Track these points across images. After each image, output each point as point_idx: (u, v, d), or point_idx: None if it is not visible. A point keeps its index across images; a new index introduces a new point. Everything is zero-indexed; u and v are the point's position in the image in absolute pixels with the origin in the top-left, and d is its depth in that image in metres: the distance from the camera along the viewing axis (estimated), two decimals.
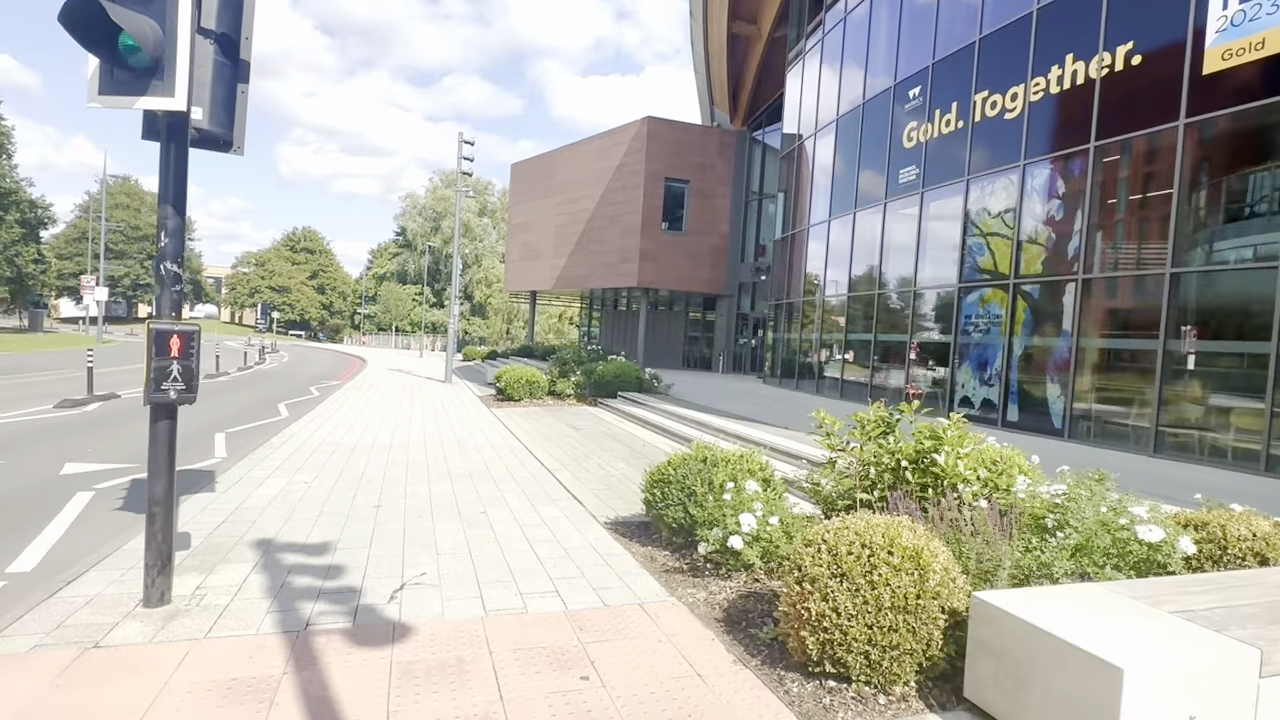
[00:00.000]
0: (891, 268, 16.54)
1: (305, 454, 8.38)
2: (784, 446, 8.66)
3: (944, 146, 14.70)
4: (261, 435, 9.93)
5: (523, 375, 15.53)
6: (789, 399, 17.05)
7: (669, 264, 28.81)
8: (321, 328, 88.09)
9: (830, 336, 19.14)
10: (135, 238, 78.12)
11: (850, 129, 18.49)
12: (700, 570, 4.59)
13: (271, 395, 16.34)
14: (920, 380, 15.24)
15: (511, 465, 8.27)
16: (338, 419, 11.87)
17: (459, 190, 22.00)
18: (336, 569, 4.39)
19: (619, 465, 8.48)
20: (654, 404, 13.81)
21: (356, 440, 9.59)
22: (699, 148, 29.42)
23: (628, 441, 10.49)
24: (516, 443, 10.05)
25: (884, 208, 16.60)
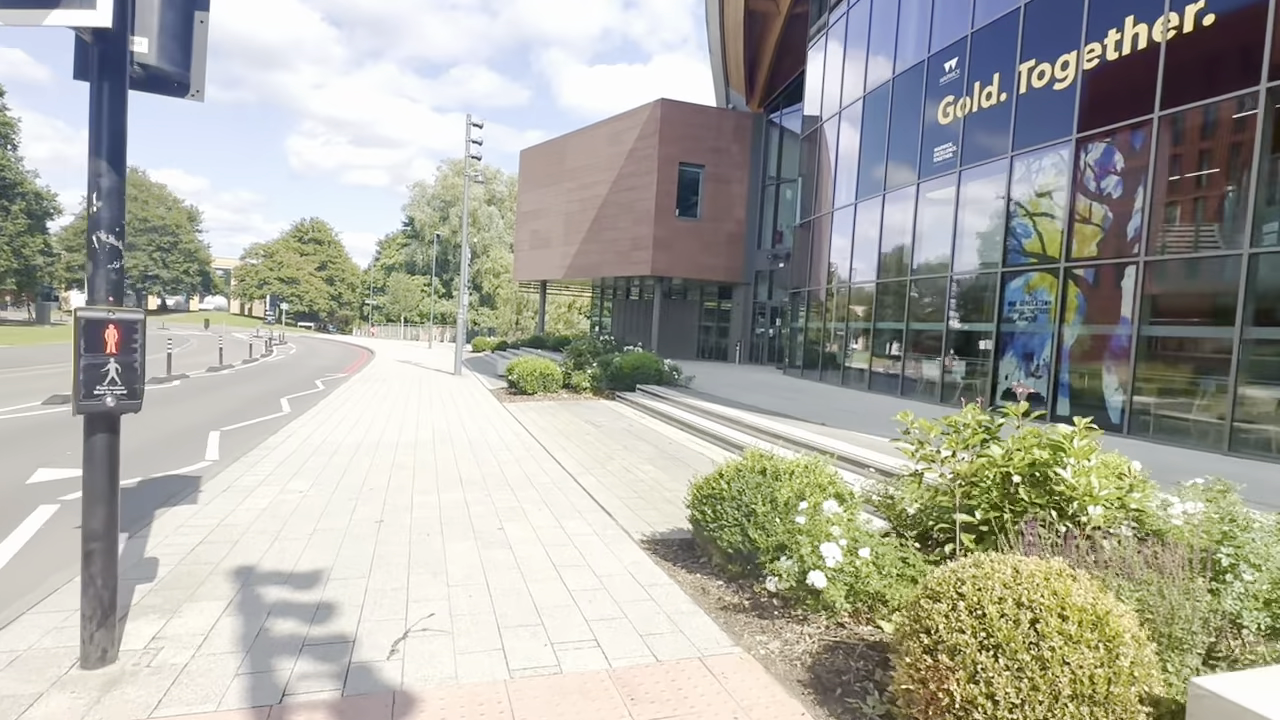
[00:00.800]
0: (924, 253, 15.63)
1: (304, 456, 7.64)
2: (829, 447, 7.84)
3: (984, 122, 13.75)
4: (260, 433, 9.21)
5: (536, 368, 14.76)
6: (815, 391, 16.21)
7: (683, 251, 27.94)
8: (331, 319, 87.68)
9: (856, 326, 18.25)
10: (143, 229, 77.77)
11: (878, 107, 17.52)
12: (766, 608, 3.80)
13: (274, 389, 15.65)
14: (957, 371, 14.37)
15: (529, 469, 7.50)
16: (342, 415, 11.14)
17: (467, 175, 21.18)
18: (327, 608, 3.63)
19: (646, 468, 7.69)
20: (676, 397, 13.01)
21: (360, 439, 8.84)
22: (714, 131, 28.47)
23: (652, 440, 9.70)
24: (532, 441, 9.28)
25: (916, 189, 15.67)
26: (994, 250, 13.39)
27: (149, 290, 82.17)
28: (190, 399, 13.10)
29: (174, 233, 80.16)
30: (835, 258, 19.61)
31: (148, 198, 79.18)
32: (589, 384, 14.95)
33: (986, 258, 13.68)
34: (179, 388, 14.86)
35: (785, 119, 28.64)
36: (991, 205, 13.68)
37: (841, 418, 10.91)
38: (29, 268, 43.87)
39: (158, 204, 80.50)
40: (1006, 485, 3.72)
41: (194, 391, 14.33)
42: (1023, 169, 12.80)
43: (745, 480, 4.28)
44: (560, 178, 33.12)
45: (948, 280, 14.58)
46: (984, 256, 13.80)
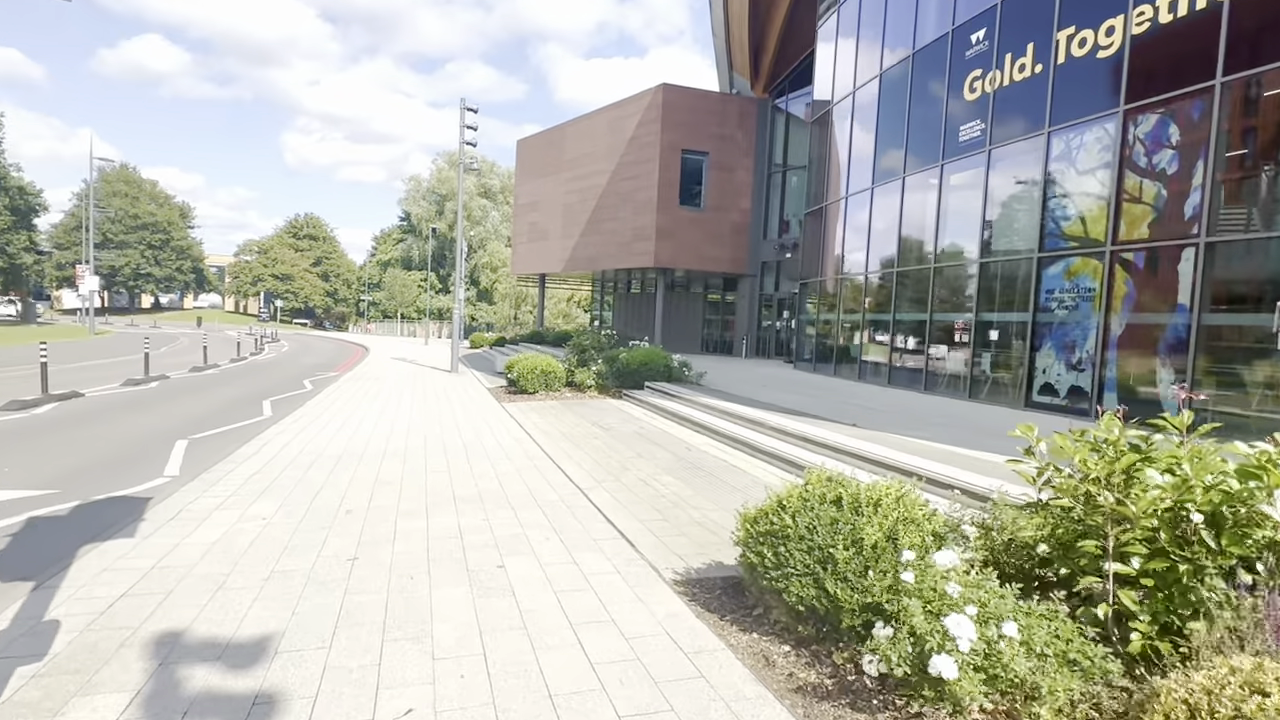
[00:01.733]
0: (949, 239, 14.68)
1: (276, 469, 6.69)
2: (867, 452, 6.91)
3: (1016, 96, 12.78)
4: (233, 441, 8.26)
5: (537, 365, 13.81)
6: (832, 387, 15.27)
7: (687, 242, 26.97)
8: (327, 315, 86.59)
9: (872, 317, 17.31)
10: (134, 226, 76.56)
11: (896, 85, 16.54)
12: (859, 693, 2.86)
13: (258, 390, 14.69)
14: (986, 364, 13.44)
15: (533, 482, 6.55)
16: (326, 418, 10.19)
17: (461, 162, 20.17)
18: (267, 703, 2.69)
19: (666, 480, 6.75)
20: (687, 395, 12.07)
21: (343, 448, 7.89)
22: (718, 117, 27.47)
23: (669, 445, 8.76)
24: (535, 448, 8.33)
25: (940, 170, 14.71)
26: (1029, 234, 12.44)
27: (142, 288, 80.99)
28: (164, 403, 12.13)
29: (166, 230, 78.90)
30: (849, 246, 18.65)
31: (138, 194, 77.95)
32: (594, 382, 14.00)
33: (1020, 243, 12.73)
34: (154, 390, 13.89)
35: (791, 104, 27.66)
36: (1025, 186, 12.73)
37: (870, 417, 9.98)
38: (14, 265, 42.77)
39: (149, 201, 79.23)
40: (1179, 524, 2.78)
41: (170, 394, 13.36)
42: (1061, 146, 11.85)
43: (817, 514, 3.33)
44: (559, 168, 32.10)
45: (975, 267, 13.64)
46: (1017, 241, 12.85)
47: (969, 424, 9.87)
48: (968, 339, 13.77)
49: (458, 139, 20.46)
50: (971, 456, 6.84)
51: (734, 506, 5.48)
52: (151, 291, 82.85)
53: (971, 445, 7.57)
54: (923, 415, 10.77)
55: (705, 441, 9.10)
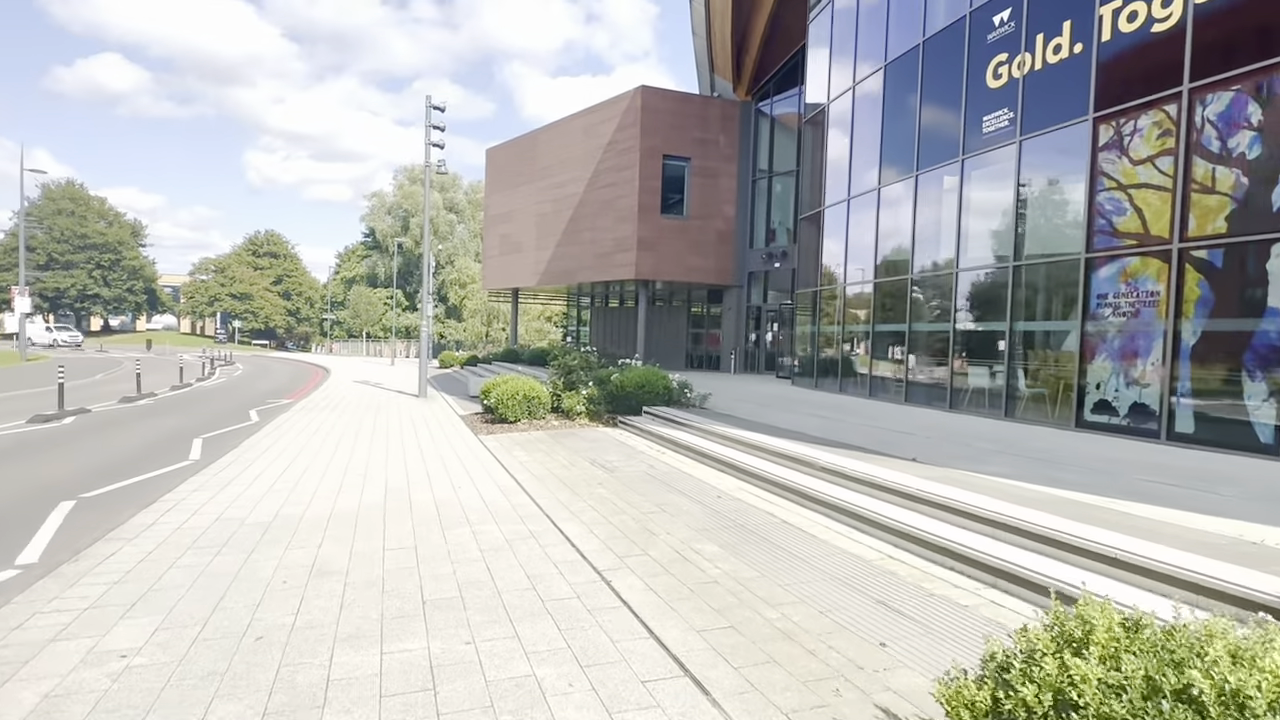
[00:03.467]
0: (975, 240, 13.31)
1: (173, 553, 4.85)
2: (973, 507, 5.29)
3: (1051, 80, 11.47)
4: (133, 502, 6.37)
5: (518, 389, 12.03)
6: (846, 407, 13.73)
7: (670, 252, 25.46)
8: (289, 336, 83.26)
9: (885, 328, 15.87)
10: (81, 246, 72.75)
11: (904, 76, 15.22)
12: None
13: (193, 425, 12.65)
14: (1023, 378, 12.03)
15: (532, 562, 4.81)
16: (264, 464, 8.30)
17: (428, 165, 18.37)
18: None
19: (709, 551, 5.06)
20: (696, 423, 10.40)
21: (275, 511, 6.05)
22: (699, 120, 26.11)
23: (692, 491, 7.06)
24: (526, 501, 6.57)
25: (961, 165, 13.35)
26: (1072, 233, 11.08)
27: (90, 311, 76.93)
28: (67, 446, 10.09)
29: (116, 249, 75.14)
30: (854, 253, 17.25)
31: (85, 212, 74.17)
32: (584, 408, 12.24)
33: (1062, 243, 11.37)
34: (64, 429, 11.79)
35: (777, 107, 26.43)
36: (1066, 178, 11.40)
37: (911, 444, 8.41)
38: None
39: (98, 219, 75.47)
40: None
41: (82, 433, 11.29)
42: (1110, 132, 10.52)
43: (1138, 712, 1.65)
44: (532, 176, 30.44)
45: (1008, 272, 12.25)
46: (1059, 241, 11.49)
47: (1027, 451, 8.35)
48: (1001, 351, 12.36)
49: (424, 153, 18.67)
50: (1100, 506, 5.27)
51: (822, 598, 3.81)
52: (100, 314, 78.79)
53: (1073, 486, 6.02)
54: (966, 440, 9.26)
55: (734, 485, 7.42)
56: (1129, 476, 6.82)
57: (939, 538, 4.84)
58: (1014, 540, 4.73)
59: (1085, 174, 10.77)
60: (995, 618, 3.89)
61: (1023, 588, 4.18)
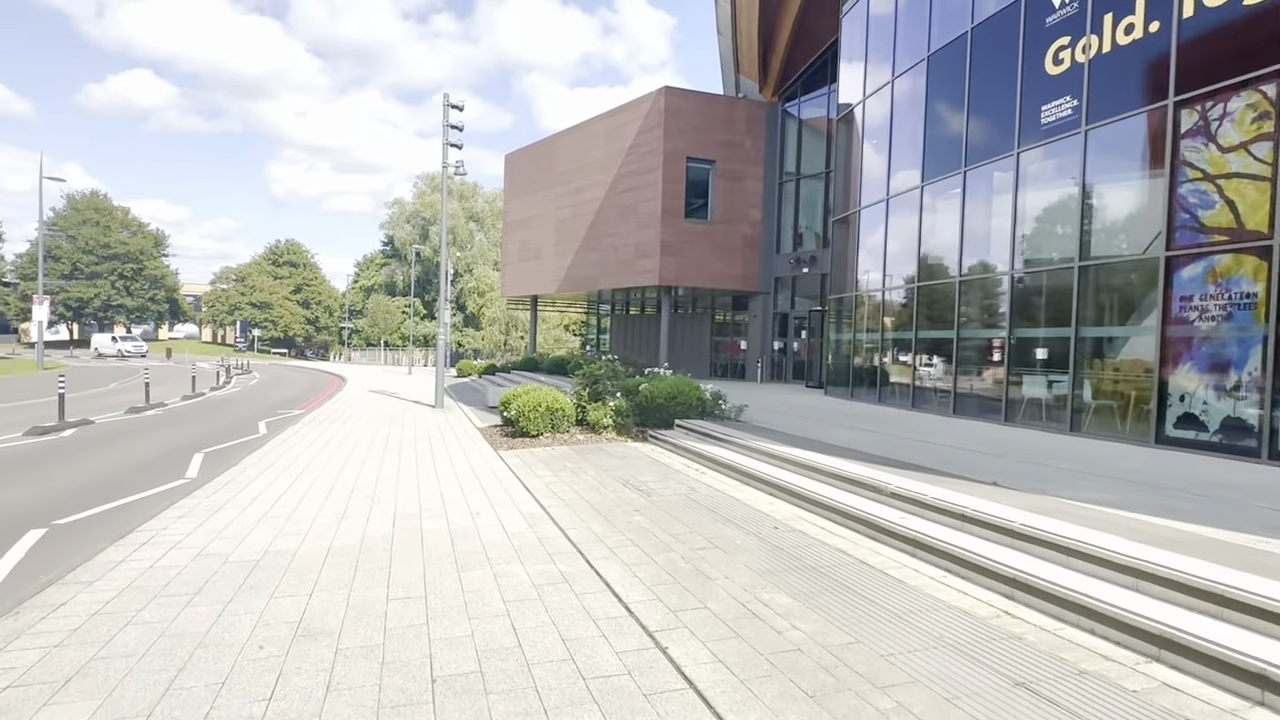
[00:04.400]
0: (1033, 239, 12.31)
1: (134, 606, 4.03)
2: (1095, 549, 4.34)
3: (1123, 63, 10.49)
4: (104, 533, 5.59)
5: (540, 400, 11.19)
6: (890, 419, 12.73)
7: (694, 258, 24.59)
8: (308, 344, 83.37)
9: (930, 335, 14.86)
10: (105, 256, 73.36)
11: (949, 67, 14.28)
12: None
13: (197, 437, 11.95)
14: (1089, 388, 10.99)
15: (566, 619, 3.93)
16: (262, 485, 7.51)
17: (445, 166, 17.69)
18: None
19: (780, 603, 4.15)
20: (735, 438, 9.48)
21: (266, 544, 5.23)
22: (724, 122, 25.27)
23: (743, 520, 6.15)
24: (555, 533, 5.71)
25: (1015, 159, 12.37)
26: (1149, 230, 10.06)
27: (113, 320, 77.52)
28: (61, 460, 9.40)
29: (138, 259, 75.73)
30: (893, 255, 16.27)
31: (109, 223, 74.84)
32: (612, 420, 11.36)
33: (1136, 241, 10.35)
34: (63, 442, 11.13)
35: (805, 108, 25.53)
36: (1140, 170, 10.40)
37: (985, 465, 7.43)
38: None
39: (121, 229, 76.13)
40: None
41: (79, 447, 10.61)
42: (1194, 118, 9.51)
43: None
44: (552, 181, 29.76)
45: (1073, 273, 11.23)
46: (1131, 239, 10.48)
47: (1114, 472, 7.34)
48: (1064, 360, 11.33)
49: (441, 153, 18.01)
50: (1251, 547, 4.30)
51: (941, 676, 2.89)
52: (123, 323, 79.38)
53: (1194, 518, 5.04)
54: (1037, 458, 8.26)
55: (790, 511, 6.49)
56: (1250, 505, 5.83)
57: (1070, 591, 3.90)
58: (1169, 596, 3.77)
59: (1164, 165, 9.77)
60: (1177, 709, 2.95)
61: (1207, 666, 3.24)
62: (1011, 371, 12.42)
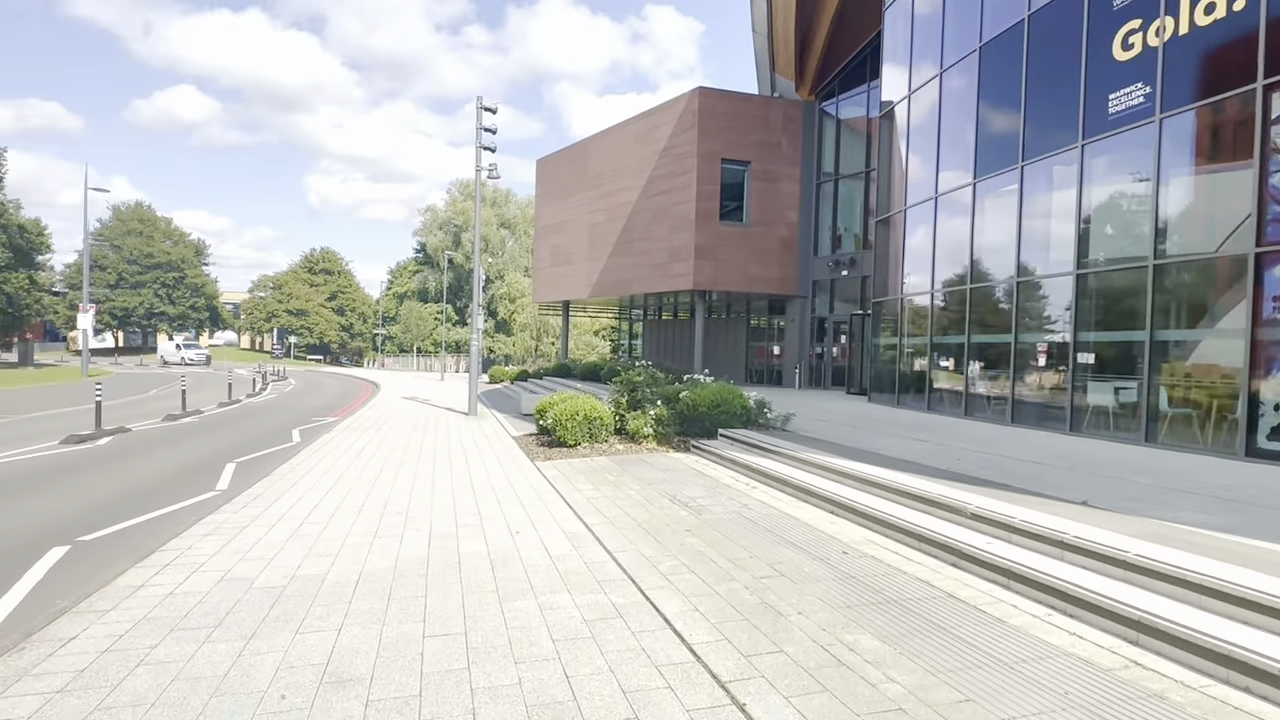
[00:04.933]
0: (1100, 236, 11.57)
1: (148, 641, 3.67)
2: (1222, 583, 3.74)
3: (1202, 46, 9.75)
4: (131, 550, 5.29)
5: (578, 409, 10.76)
6: (944, 428, 12.04)
7: (729, 261, 24.03)
8: (343, 351, 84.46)
9: (983, 340, 14.13)
10: (149, 265, 75.20)
11: (1003, 57, 13.58)
12: None
13: (231, 445, 11.77)
14: (1164, 395, 10.21)
15: (624, 665, 3.46)
16: (293, 499, 7.19)
17: (478, 170, 17.45)
18: None
19: (864, 642, 3.64)
20: (782, 448, 8.94)
21: (294, 568, 4.87)
22: (760, 123, 24.71)
23: (807, 543, 5.63)
24: (602, 557, 5.25)
25: (1079, 152, 11.63)
26: (1234, 224, 9.29)
27: (156, 327, 79.41)
28: (94, 471, 9.23)
29: (180, 268, 77.49)
30: (943, 255, 15.56)
31: (153, 233, 76.73)
32: (652, 430, 10.89)
33: (1220, 235, 9.57)
34: (100, 450, 11.02)
35: (843, 106, 24.87)
36: (1223, 161, 9.64)
37: (1060, 480, 6.78)
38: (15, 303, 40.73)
39: (163, 239, 78.02)
40: None
41: (113, 457, 10.47)
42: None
43: None
44: (583, 186, 29.48)
45: (1145, 272, 10.47)
46: (1214, 234, 9.70)
47: (1208, 489, 6.64)
48: (1135, 365, 10.57)
49: (474, 156, 17.78)
50: None
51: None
52: (165, 330, 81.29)
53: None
54: (1115, 472, 7.58)
55: (857, 533, 5.94)
56: None
57: (1215, 640, 3.32)
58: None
59: (1253, 154, 9.01)
60: None
61: None
62: (1076, 378, 11.67)
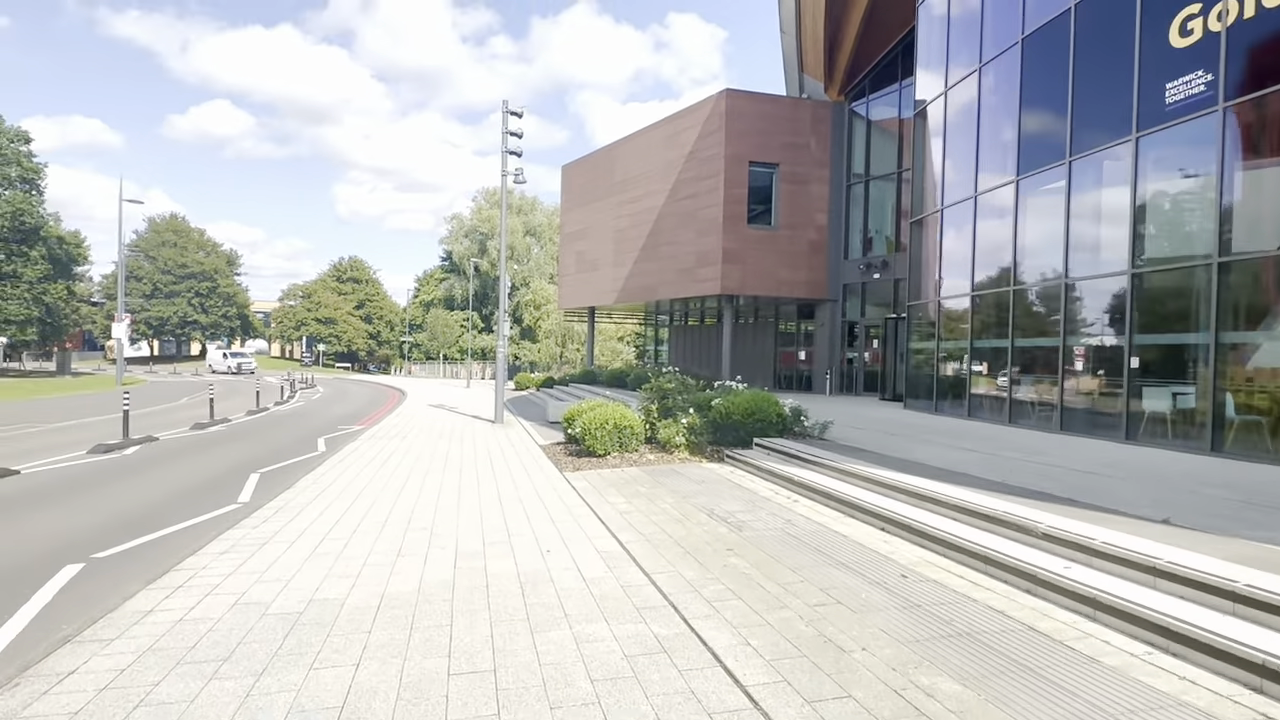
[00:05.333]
0: (1157, 233, 10.95)
1: (152, 676, 3.37)
2: None
3: (1270, 29, 9.15)
4: (146, 568, 5.05)
5: (607, 417, 10.40)
6: (987, 435, 11.45)
7: (757, 265, 23.56)
8: (370, 358, 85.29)
9: (1028, 344, 13.52)
10: (183, 275, 76.68)
11: (1047, 49, 13.02)
12: None
13: (255, 455, 11.61)
14: (1232, 401, 9.56)
15: (672, 712, 3.08)
16: (314, 513, 6.93)
17: (504, 174, 17.25)
18: None
19: (943, 687, 3.21)
20: (822, 458, 8.48)
21: (310, 594, 4.56)
22: (788, 124, 24.23)
23: (860, 563, 5.19)
24: (640, 580, 4.87)
25: (1134, 145, 11.03)
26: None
27: (189, 336, 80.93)
28: (107, 484, 9.08)
29: (213, 278, 78.93)
30: (983, 257, 14.96)
31: (186, 243, 78.25)
32: (685, 439, 10.49)
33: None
34: (125, 460, 10.92)
35: (873, 107, 24.32)
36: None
37: (1128, 493, 6.24)
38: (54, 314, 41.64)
39: (196, 249, 79.54)
40: None
41: (138, 467, 10.35)
42: None
43: None
44: (609, 191, 29.23)
45: (1209, 270, 9.84)
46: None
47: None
48: (1198, 369, 9.94)
49: (501, 162, 17.60)
50: None
51: None
52: (199, 339, 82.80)
53: None
54: (1184, 484, 7.01)
55: (913, 553, 5.49)
56: None
57: None
58: None
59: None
60: None
61: None
62: (1131, 383, 11.03)
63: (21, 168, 40.41)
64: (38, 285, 39.33)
